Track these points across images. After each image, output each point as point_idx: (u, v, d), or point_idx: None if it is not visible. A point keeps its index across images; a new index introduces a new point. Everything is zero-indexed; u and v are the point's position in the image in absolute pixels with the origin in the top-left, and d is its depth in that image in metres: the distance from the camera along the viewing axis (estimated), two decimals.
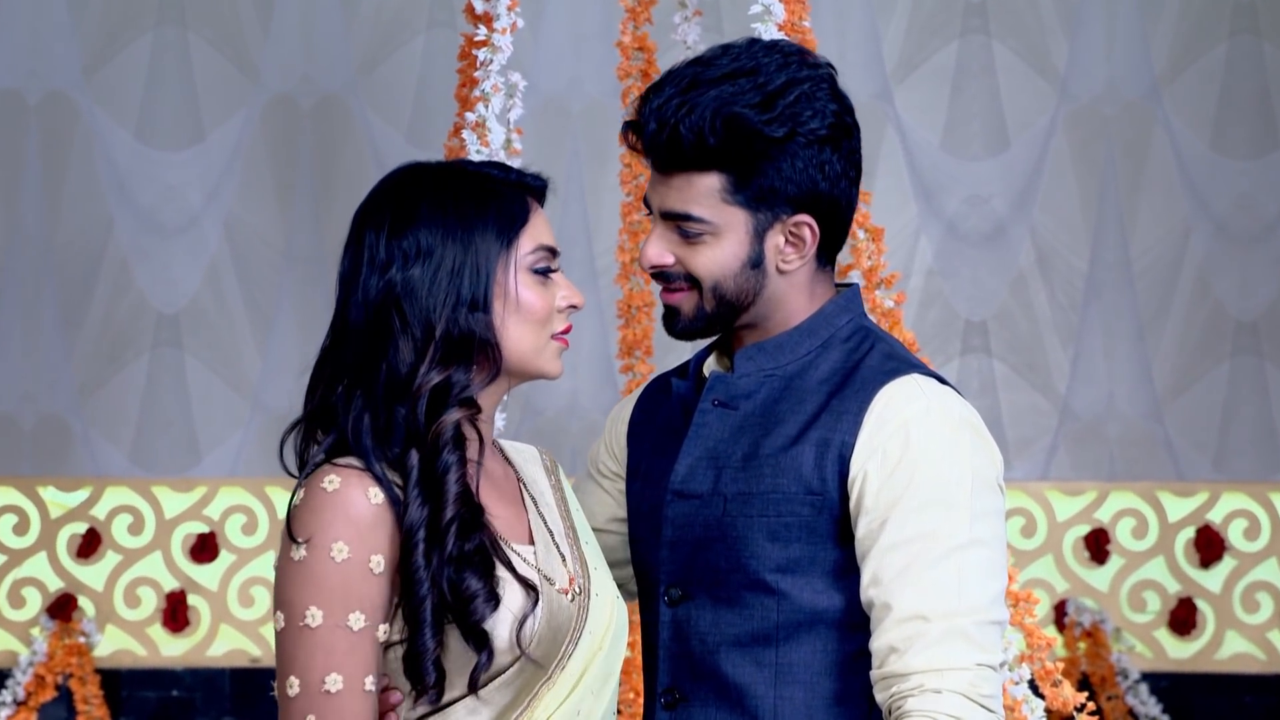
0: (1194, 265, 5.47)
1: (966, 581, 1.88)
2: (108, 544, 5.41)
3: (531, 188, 2.00)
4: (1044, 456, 5.48)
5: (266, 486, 5.41)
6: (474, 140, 3.24)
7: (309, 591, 1.84)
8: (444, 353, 1.91)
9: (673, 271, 2.02)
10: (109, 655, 5.37)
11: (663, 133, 1.96)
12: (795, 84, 1.95)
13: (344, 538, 1.85)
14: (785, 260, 2.01)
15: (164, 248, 5.40)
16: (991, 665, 1.88)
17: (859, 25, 5.44)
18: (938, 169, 5.48)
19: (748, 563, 1.96)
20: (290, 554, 1.86)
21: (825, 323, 2.04)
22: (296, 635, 1.84)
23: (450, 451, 1.90)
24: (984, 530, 1.91)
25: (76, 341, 5.38)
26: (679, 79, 1.98)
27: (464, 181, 1.97)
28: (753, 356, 2.04)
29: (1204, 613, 5.46)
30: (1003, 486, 1.98)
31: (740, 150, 1.95)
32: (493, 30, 3.27)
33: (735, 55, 1.98)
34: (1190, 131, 5.47)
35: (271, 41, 5.41)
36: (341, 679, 1.84)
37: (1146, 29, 5.46)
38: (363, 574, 1.85)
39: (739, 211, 1.98)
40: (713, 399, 2.05)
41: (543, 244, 1.97)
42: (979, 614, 1.88)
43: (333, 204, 5.40)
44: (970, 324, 5.50)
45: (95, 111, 5.37)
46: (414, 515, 1.87)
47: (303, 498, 1.88)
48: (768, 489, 1.97)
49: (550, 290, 1.98)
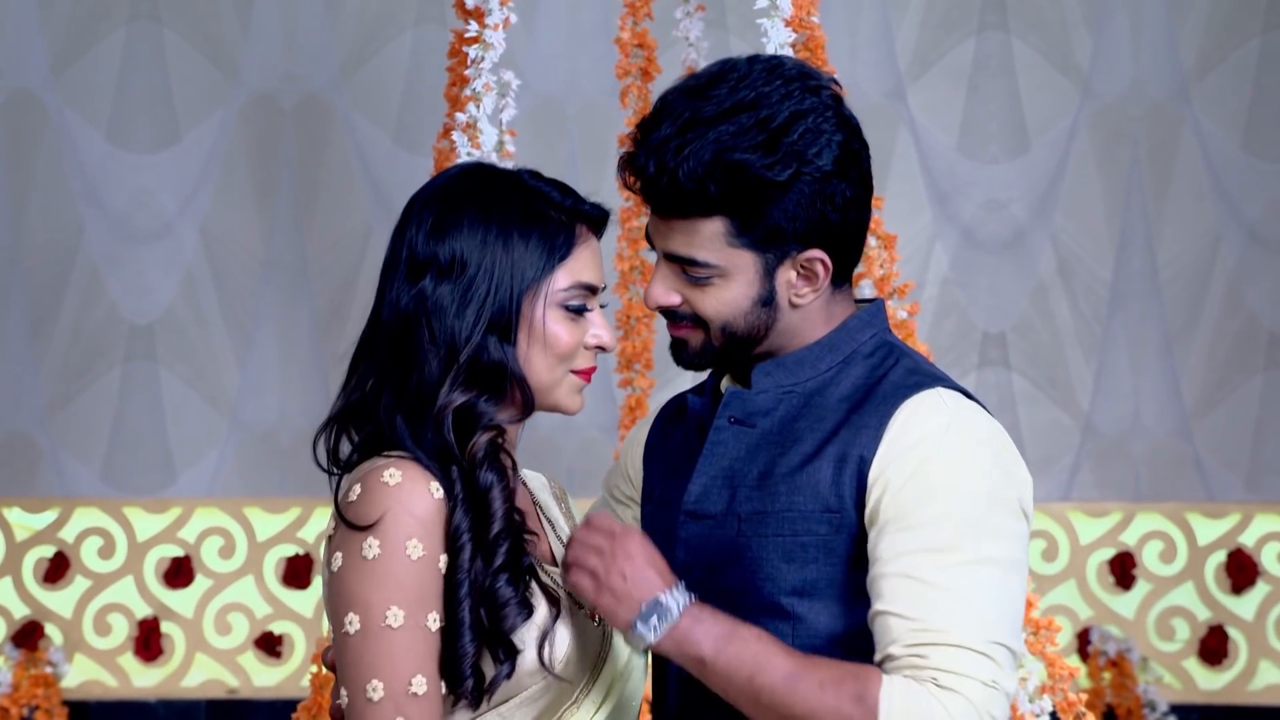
0: (1225, 274, 5.48)
1: (974, 599, 1.88)
2: (76, 568, 5.41)
3: (589, 217, 2.01)
4: (1066, 476, 5.48)
5: (245, 508, 5.41)
6: (465, 142, 3.25)
7: (388, 590, 1.87)
8: (468, 376, 1.95)
9: (680, 311, 2.04)
10: (77, 686, 5.37)
11: (661, 178, 1.96)
12: (799, 118, 1.96)
13: (416, 534, 1.89)
14: (798, 294, 2.03)
15: (137, 255, 5.41)
16: (1005, 689, 1.88)
17: (871, 20, 5.45)
18: (954, 172, 5.49)
19: (762, 585, 1.98)
20: (360, 551, 1.88)
21: (848, 338, 2.05)
22: (378, 636, 1.87)
23: (488, 469, 1.95)
24: (997, 550, 1.92)
25: (44, 354, 5.38)
26: (675, 114, 1.97)
27: (517, 195, 1.99)
28: (771, 372, 2.05)
29: (1236, 641, 5.46)
30: (1028, 512, 1.98)
31: (743, 196, 1.96)
32: (484, 26, 3.28)
33: (734, 85, 1.97)
34: (1221, 132, 5.48)
35: (251, 38, 5.42)
36: (426, 681, 1.88)
37: (1174, 24, 5.47)
38: (434, 573, 1.90)
39: (746, 253, 1.99)
40: (729, 416, 2.06)
41: (581, 281, 1.99)
42: (986, 632, 1.88)
43: (315, 209, 5.41)
44: (988, 336, 5.51)
45: (64, 111, 5.38)
46: (460, 519, 1.92)
47: (361, 492, 1.91)
48: (783, 507, 1.98)
49: (580, 327, 2.01)
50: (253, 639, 5.40)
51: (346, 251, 5.39)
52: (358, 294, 5.32)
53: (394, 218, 2.10)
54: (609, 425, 5.20)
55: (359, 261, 5.34)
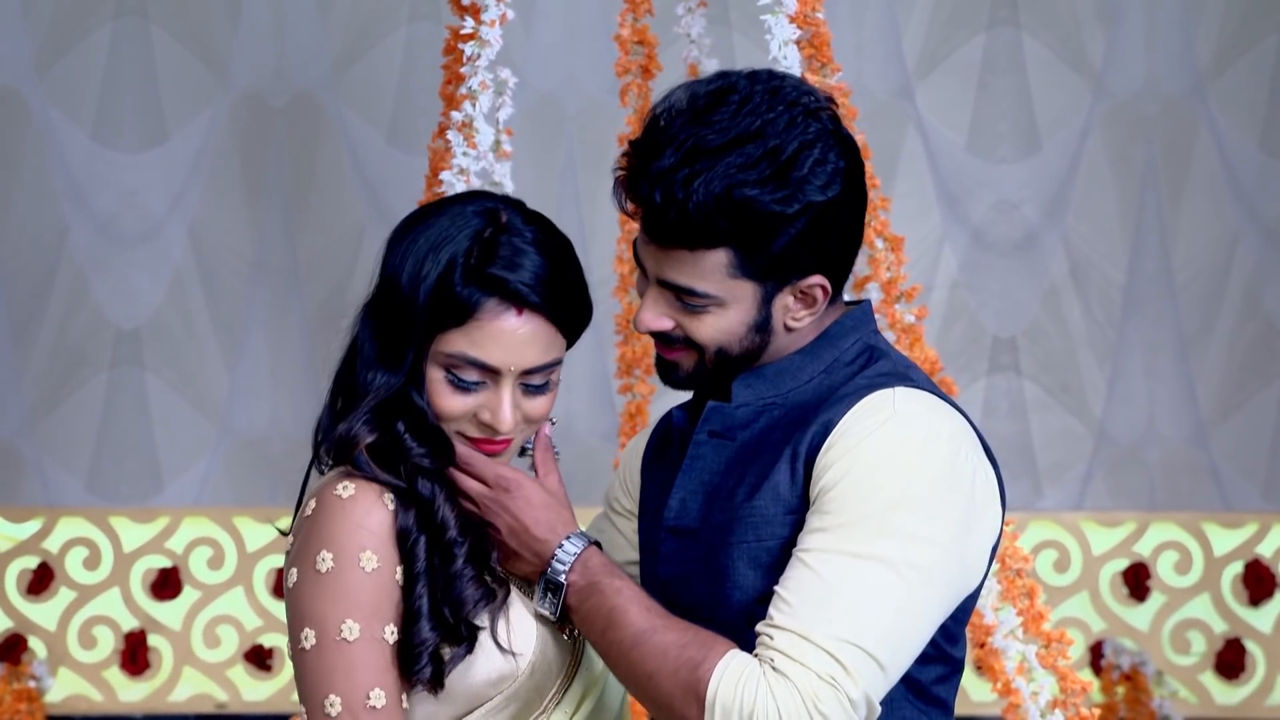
0: (1242, 276, 5.47)
1: (844, 594, 1.87)
2: (61, 579, 5.40)
3: (515, 294, 1.95)
4: (1078, 485, 5.47)
5: (234, 517, 5.40)
6: (460, 142, 3.24)
7: (343, 604, 1.89)
8: (377, 407, 1.97)
9: (672, 335, 2.04)
10: (62, 701, 5.35)
11: (669, 210, 1.96)
12: (805, 148, 1.96)
13: (370, 546, 1.91)
14: (795, 318, 2.04)
15: (123, 258, 5.39)
16: (847, 692, 1.85)
17: (877, 16, 5.44)
18: (963, 172, 5.47)
19: (730, 594, 1.98)
20: (314, 565, 1.90)
21: (829, 345, 2.06)
22: (334, 651, 1.89)
23: (424, 478, 1.96)
24: (893, 551, 1.89)
25: (28, 360, 5.37)
26: (678, 141, 1.96)
27: (447, 231, 1.98)
28: (751, 384, 2.06)
29: (1253, 655, 5.45)
30: (970, 520, 1.95)
31: (751, 230, 1.96)
32: (480, 22, 3.27)
33: (735, 109, 1.96)
34: (1238, 131, 5.46)
35: (241, 34, 5.40)
36: (384, 694, 1.89)
37: (1190, 19, 5.46)
38: (390, 585, 1.91)
39: (747, 283, 2.00)
40: (708, 430, 2.06)
41: (468, 355, 1.95)
42: (840, 629, 1.86)
43: (306, 211, 5.39)
44: (998, 341, 5.50)
45: (48, 110, 5.36)
46: (406, 524, 1.94)
47: (315, 506, 1.93)
48: (747, 513, 1.99)
49: (469, 399, 1.98)
50: (242, 652, 5.38)
51: (339, 254, 5.37)
52: (350, 297, 5.24)
53: (387, 219, 2.09)
54: (609, 433, 5.19)
55: (351, 264, 5.32)
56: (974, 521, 1.96)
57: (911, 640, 1.91)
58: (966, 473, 1.96)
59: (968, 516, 1.95)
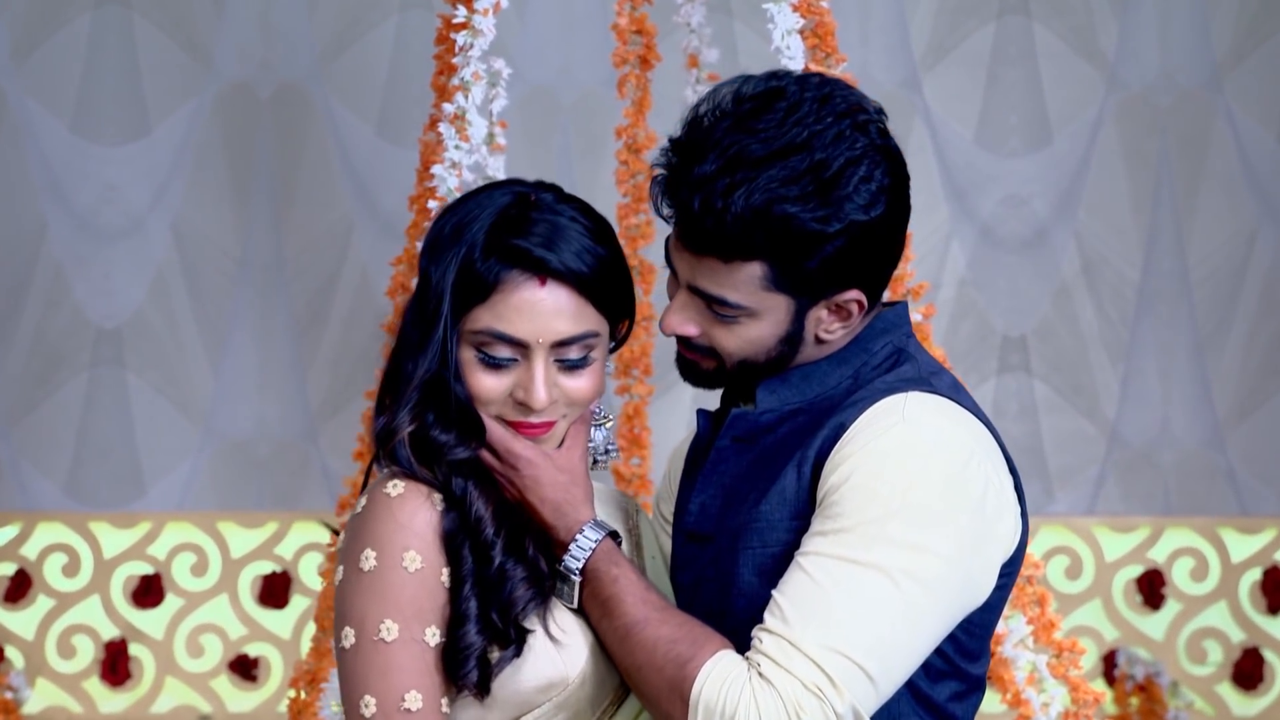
0: (1260, 274, 5.48)
1: (836, 601, 1.89)
2: (39, 587, 5.40)
3: (538, 263, 1.97)
4: (1090, 488, 5.48)
5: (218, 522, 5.40)
6: (452, 135, 3.24)
7: (383, 604, 1.92)
8: (420, 398, 2.00)
9: (697, 342, 2.05)
10: (40, 712, 5.36)
11: (707, 219, 1.96)
12: (851, 165, 1.96)
13: (414, 547, 1.94)
14: (828, 331, 2.05)
15: (104, 254, 5.40)
16: (832, 703, 1.86)
17: (883, 5, 5.45)
18: (971, 166, 5.48)
19: (736, 602, 2.00)
20: (359, 563, 1.93)
21: (860, 350, 2.07)
22: (371, 651, 1.91)
23: (458, 476, 1.99)
24: (890, 559, 1.91)
25: (4, 360, 5.38)
26: (721, 148, 1.96)
27: (472, 212, 2.00)
28: (775, 390, 2.07)
29: (1272, 665, 5.46)
30: (965, 537, 1.95)
31: (790, 246, 1.96)
32: (473, 11, 3.28)
33: (782, 117, 1.96)
34: (1256, 123, 5.47)
35: (225, 23, 5.41)
36: (421, 697, 1.91)
37: (1205, 8, 5.47)
38: (434, 586, 1.94)
39: (781, 297, 2.01)
40: (732, 436, 2.07)
41: (493, 329, 1.98)
42: (829, 638, 1.88)
43: (293, 205, 5.40)
44: (1008, 340, 5.51)
45: (25, 101, 5.37)
46: (451, 527, 1.97)
47: (365, 504, 1.97)
48: (754, 519, 2.00)
49: (502, 379, 2.00)
50: (226, 662, 5.39)
51: (326, 250, 5.38)
52: (338, 295, 5.31)
53: (376, 214, 2.13)
54: None
55: (339, 260, 5.32)
56: (983, 534, 1.96)
57: (906, 653, 1.92)
58: (976, 482, 1.96)
59: (975, 528, 1.95)
